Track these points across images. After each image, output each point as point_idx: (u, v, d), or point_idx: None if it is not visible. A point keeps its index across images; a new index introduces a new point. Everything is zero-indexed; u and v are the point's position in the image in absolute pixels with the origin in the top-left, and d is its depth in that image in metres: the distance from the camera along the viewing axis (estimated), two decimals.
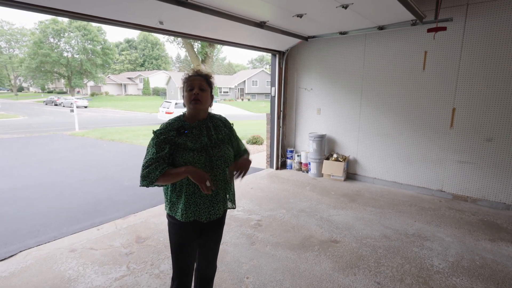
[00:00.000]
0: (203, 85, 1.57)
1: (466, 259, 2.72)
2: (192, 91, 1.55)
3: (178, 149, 1.51)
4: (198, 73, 1.62)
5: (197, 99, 1.54)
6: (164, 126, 1.55)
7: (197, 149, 1.53)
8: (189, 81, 1.58)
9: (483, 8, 3.69)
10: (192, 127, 1.57)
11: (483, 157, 3.93)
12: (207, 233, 1.70)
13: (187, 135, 1.54)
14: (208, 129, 1.61)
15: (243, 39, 4.47)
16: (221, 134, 1.65)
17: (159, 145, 1.49)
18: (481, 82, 3.83)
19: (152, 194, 4.57)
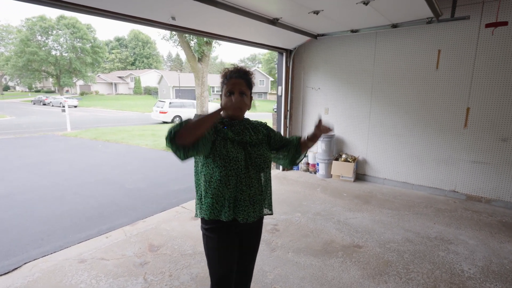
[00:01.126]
0: (243, 89, 1.44)
1: (495, 263, 2.65)
2: (231, 96, 1.42)
3: (220, 139, 1.40)
4: (239, 73, 1.48)
5: (237, 106, 1.42)
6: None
7: (237, 141, 1.44)
8: (229, 83, 1.44)
9: (500, 6, 3.63)
10: (231, 124, 1.48)
11: (498, 157, 3.89)
12: (245, 238, 1.56)
13: (226, 130, 1.44)
14: (247, 129, 1.52)
15: (253, 36, 4.33)
16: (260, 135, 1.55)
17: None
18: (496, 82, 3.78)
19: (159, 198, 4.39)
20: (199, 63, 12.42)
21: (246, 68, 1.51)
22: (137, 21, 2.97)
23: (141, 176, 5.55)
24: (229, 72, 1.48)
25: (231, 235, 1.47)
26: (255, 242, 1.62)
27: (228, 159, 1.39)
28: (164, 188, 4.86)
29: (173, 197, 4.41)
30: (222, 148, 1.39)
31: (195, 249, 2.85)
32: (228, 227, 1.45)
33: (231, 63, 14.77)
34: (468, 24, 3.81)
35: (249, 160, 1.44)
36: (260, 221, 1.60)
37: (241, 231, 1.51)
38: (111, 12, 2.81)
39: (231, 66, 1.54)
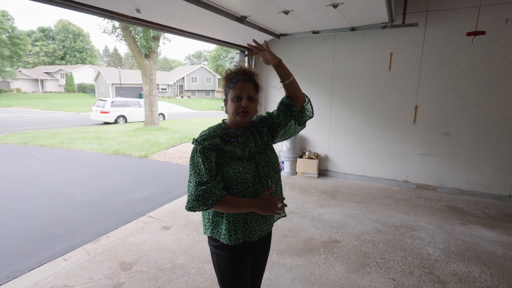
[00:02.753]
0: (252, 94, 1.33)
1: (452, 244, 2.99)
2: (239, 102, 1.31)
3: (226, 158, 1.29)
4: (246, 75, 1.35)
5: (246, 112, 1.31)
6: (207, 132, 1.33)
7: (246, 157, 1.33)
8: (237, 88, 1.32)
9: (440, 15, 4.09)
10: (237, 134, 1.36)
11: (442, 149, 4.41)
12: (259, 252, 1.49)
13: (233, 143, 1.33)
14: (253, 135, 1.41)
15: (219, 34, 4.17)
16: (264, 136, 1.44)
17: (204, 153, 1.26)
18: (439, 82, 4.26)
19: (119, 209, 3.99)
20: (147, 60, 11.64)
21: (252, 69, 1.41)
22: (98, 13, 2.60)
23: (93, 186, 4.98)
24: (235, 74, 1.36)
25: (245, 250, 1.38)
26: (266, 254, 1.55)
27: (235, 181, 1.29)
28: (123, 197, 4.44)
29: (135, 206, 4.05)
30: (229, 169, 1.28)
31: (174, 261, 2.65)
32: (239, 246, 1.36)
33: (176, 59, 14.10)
34: (416, 30, 4.22)
35: (256, 172, 1.34)
36: (270, 231, 1.53)
37: (253, 244, 1.43)
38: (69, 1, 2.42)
39: (234, 66, 1.40)
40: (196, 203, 1.24)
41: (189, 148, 8.18)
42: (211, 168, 1.25)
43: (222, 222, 1.33)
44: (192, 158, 1.29)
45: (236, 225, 1.31)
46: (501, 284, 2.37)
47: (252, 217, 1.33)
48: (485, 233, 3.22)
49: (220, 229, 1.33)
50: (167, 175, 5.63)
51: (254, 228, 1.33)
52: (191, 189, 1.25)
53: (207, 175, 1.24)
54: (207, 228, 1.39)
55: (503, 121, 4.00)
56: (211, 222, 1.36)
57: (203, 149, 1.26)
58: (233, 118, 1.35)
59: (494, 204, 4.04)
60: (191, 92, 43.56)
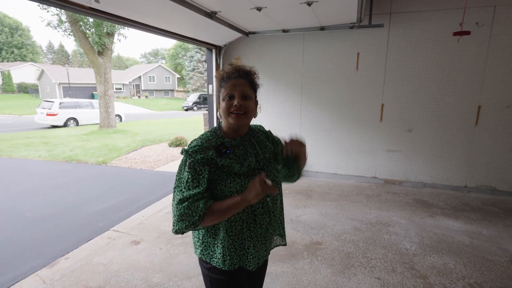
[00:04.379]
0: (246, 91, 1.16)
1: (425, 237, 3.11)
2: (231, 101, 1.14)
3: (221, 174, 1.12)
4: (239, 72, 1.19)
5: (240, 112, 1.14)
6: (199, 142, 1.13)
7: (244, 173, 1.16)
8: (228, 85, 1.16)
9: (402, 17, 4.28)
10: (234, 145, 1.19)
11: (406, 145, 4.62)
12: (256, 275, 1.35)
13: (229, 155, 1.16)
14: (253, 146, 1.24)
15: (185, 30, 3.91)
16: (267, 151, 1.28)
17: (195, 169, 1.09)
18: (402, 81, 4.46)
19: (78, 224, 3.55)
20: (100, 57, 10.75)
21: (248, 67, 1.24)
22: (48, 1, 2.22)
23: (44, 199, 4.40)
24: (226, 73, 1.21)
25: (241, 274, 1.23)
26: (263, 278, 1.41)
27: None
28: (82, 210, 3.97)
29: (97, 220, 3.63)
30: (224, 187, 1.12)
31: (148, 281, 2.38)
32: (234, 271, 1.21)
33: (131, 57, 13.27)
34: (381, 31, 4.36)
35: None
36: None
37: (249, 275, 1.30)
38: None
39: (228, 65, 1.24)
40: (181, 224, 1.07)
41: (153, 151, 7.70)
42: (201, 184, 1.09)
43: (215, 244, 1.18)
44: (179, 173, 1.12)
45: (231, 250, 1.16)
46: (475, 273, 2.50)
47: (250, 243, 1.17)
48: (451, 224, 3.41)
49: (212, 251, 1.18)
50: (131, 182, 5.20)
51: (251, 255, 1.18)
52: (173, 208, 1.09)
53: (193, 191, 1.07)
54: (196, 247, 1.24)
55: (458, 119, 4.30)
56: (201, 242, 1.20)
57: (194, 163, 1.09)
58: (226, 121, 1.18)
59: (454, 195, 4.33)
60: (148, 92, 41.64)
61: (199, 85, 38.53)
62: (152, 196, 4.33)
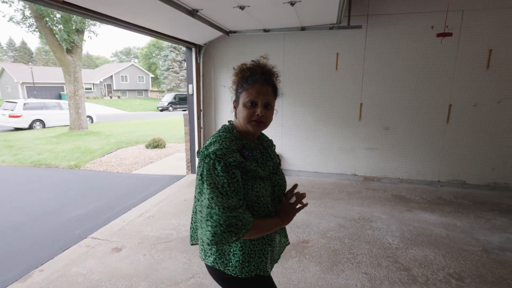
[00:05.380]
0: (270, 101, 1.11)
1: (406, 231, 3.23)
2: (254, 109, 1.09)
3: (247, 178, 1.07)
4: (265, 76, 1.13)
5: (261, 122, 1.10)
6: (224, 144, 1.04)
7: (265, 177, 1.14)
8: (252, 90, 1.09)
9: (378, 19, 4.42)
10: (252, 147, 1.16)
11: (383, 143, 4.79)
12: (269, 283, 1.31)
13: (251, 158, 1.12)
14: (266, 150, 1.23)
15: (165, 27, 3.79)
16: (275, 156, 1.29)
17: (228, 172, 1.01)
18: (379, 81, 4.61)
19: (52, 232, 3.33)
20: (69, 55, 10.19)
21: (272, 68, 1.18)
22: None
23: (11, 207, 4.08)
24: (251, 72, 1.13)
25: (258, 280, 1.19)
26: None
27: (258, 205, 1.10)
28: (55, 218, 3.73)
29: (73, 227, 3.43)
30: (251, 192, 1.07)
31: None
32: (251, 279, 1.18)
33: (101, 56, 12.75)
34: (359, 32, 4.48)
35: (273, 194, 1.20)
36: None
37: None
38: None
39: (252, 61, 1.17)
40: (227, 235, 0.96)
41: (129, 154, 7.41)
42: (238, 189, 1.02)
43: (230, 252, 1.12)
44: (210, 177, 1.00)
45: (251, 256, 1.13)
46: (453, 263, 2.63)
47: (269, 247, 1.17)
48: (428, 217, 3.57)
49: (227, 260, 1.13)
50: (108, 186, 4.96)
51: (269, 260, 1.18)
52: (217, 217, 0.96)
53: (236, 198, 1.00)
54: (208, 255, 1.15)
55: (431, 117, 4.52)
56: (216, 250, 1.13)
57: (227, 167, 1.01)
58: (243, 127, 1.13)
59: (428, 189, 4.55)
60: (121, 92, 40.15)
61: (174, 85, 37.72)
62: (132, 200, 4.16)
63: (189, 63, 5.00)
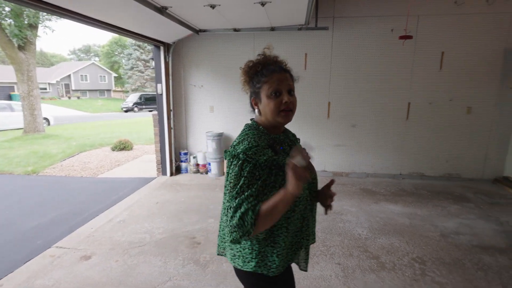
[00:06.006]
0: (292, 86, 1.10)
1: (373, 222, 3.43)
2: (279, 98, 1.06)
3: (282, 174, 1.02)
4: (281, 66, 1.13)
5: (289, 110, 1.07)
6: (254, 142, 1.01)
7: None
8: (272, 80, 1.06)
9: (344, 21, 4.63)
10: (282, 141, 1.14)
11: (350, 140, 5.03)
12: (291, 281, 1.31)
13: (282, 152, 1.09)
14: (293, 143, 1.21)
15: (131, 24, 3.65)
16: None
17: (253, 173, 0.98)
18: (345, 81, 4.83)
19: (10, 244, 3.07)
20: (22, 52, 9.40)
21: (279, 58, 1.18)
22: None
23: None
24: (263, 65, 1.11)
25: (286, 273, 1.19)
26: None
27: (298, 200, 1.10)
28: (13, 228, 3.44)
29: (34, 237, 3.18)
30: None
31: None
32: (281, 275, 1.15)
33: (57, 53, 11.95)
34: (326, 33, 4.66)
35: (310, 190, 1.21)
36: None
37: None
38: None
39: (259, 55, 1.15)
40: (235, 234, 0.96)
41: (94, 157, 7.03)
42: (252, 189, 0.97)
43: (274, 253, 1.08)
44: (235, 179, 0.98)
45: (288, 250, 1.12)
46: (416, 249, 2.85)
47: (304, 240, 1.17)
48: (392, 208, 3.82)
49: (270, 261, 1.08)
50: (71, 191, 4.67)
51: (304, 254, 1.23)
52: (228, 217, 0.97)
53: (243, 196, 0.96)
54: (247, 261, 1.09)
55: (392, 114, 4.83)
56: (257, 253, 1.07)
57: (254, 168, 0.97)
58: (271, 120, 1.09)
59: (391, 182, 4.86)
60: (81, 92, 37.78)
61: (139, 85, 36.24)
62: (100, 205, 3.96)
63: (157, 62, 4.87)
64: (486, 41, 4.43)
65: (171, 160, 5.17)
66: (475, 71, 4.53)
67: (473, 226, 3.32)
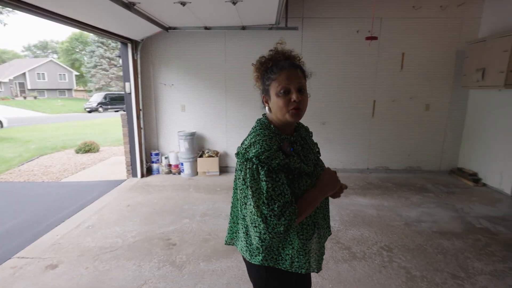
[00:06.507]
0: (302, 84, 1.06)
1: (344, 214, 3.59)
2: (288, 96, 1.03)
3: (293, 177, 1.04)
4: (291, 62, 1.08)
5: (298, 109, 1.04)
6: (266, 146, 1.00)
7: (311, 172, 1.10)
8: (281, 78, 1.03)
9: (312, 22, 4.77)
10: (292, 141, 1.12)
11: (321, 137, 5.20)
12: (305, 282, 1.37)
13: (293, 153, 1.08)
14: (305, 141, 1.20)
15: (97, 20, 3.48)
16: (314, 145, 1.27)
17: (272, 177, 0.98)
18: (315, 80, 4.96)
19: None
20: None
21: (291, 50, 1.13)
22: None
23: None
24: (274, 61, 1.08)
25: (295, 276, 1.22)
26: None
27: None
28: None
29: None
30: (297, 190, 1.05)
31: None
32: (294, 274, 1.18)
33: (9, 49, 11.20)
34: (296, 33, 4.77)
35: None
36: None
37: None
38: None
39: (270, 50, 1.12)
40: (276, 240, 1.00)
41: (56, 160, 6.60)
42: (285, 191, 0.99)
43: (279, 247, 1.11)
44: (255, 183, 0.99)
45: (300, 253, 1.10)
46: (383, 238, 3.03)
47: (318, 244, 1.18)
48: (361, 201, 4.02)
49: (276, 254, 1.11)
50: (33, 198, 4.35)
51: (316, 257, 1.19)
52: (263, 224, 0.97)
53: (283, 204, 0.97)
54: (255, 254, 1.11)
55: (360, 112, 5.07)
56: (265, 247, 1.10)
57: (270, 172, 0.98)
58: (281, 118, 1.07)
59: (360, 176, 5.10)
60: (38, 91, 35.17)
61: (104, 84, 34.48)
62: (65, 211, 3.74)
63: (125, 60, 4.68)
64: (441, 44, 4.80)
65: (141, 161, 5.01)
66: (432, 71, 4.89)
67: (433, 214, 3.59)
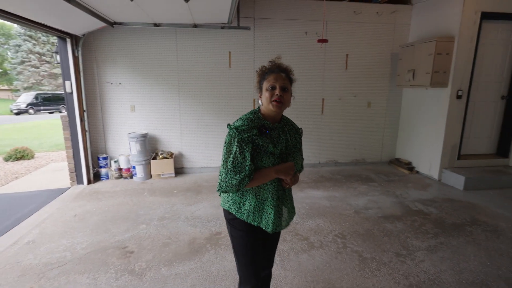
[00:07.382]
0: (286, 84, 1.47)
1: (300, 207, 3.77)
2: (273, 91, 1.43)
3: (259, 151, 1.42)
4: (279, 67, 1.50)
5: (279, 101, 1.43)
6: (246, 122, 1.43)
7: (277, 153, 1.47)
8: (271, 78, 1.45)
9: (263, 22, 4.89)
10: (272, 128, 1.49)
11: None
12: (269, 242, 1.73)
13: (268, 136, 1.45)
14: (285, 133, 1.55)
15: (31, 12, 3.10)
16: (294, 140, 1.60)
17: (241, 145, 1.38)
18: None
19: None
20: None
21: (285, 65, 1.53)
22: None
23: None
24: (268, 69, 1.50)
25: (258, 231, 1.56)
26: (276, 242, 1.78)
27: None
28: None
29: None
30: (259, 162, 1.42)
31: None
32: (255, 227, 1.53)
33: None
34: (248, 33, 4.83)
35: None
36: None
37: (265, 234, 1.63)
38: None
39: (269, 62, 1.53)
40: (229, 189, 1.40)
41: None
42: (246, 157, 1.37)
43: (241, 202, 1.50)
44: (229, 144, 1.40)
45: (255, 210, 1.48)
46: (337, 226, 3.26)
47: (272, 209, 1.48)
48: (315, 193, 4.26)
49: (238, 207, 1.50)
50: None
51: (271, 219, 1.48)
52: (224, 175, 1.39)
53: (241, 165, 1.37)
54: (225, 201, 1.55)
55: (311, 109, 5.35)
56: (231, 198, 1.53)
57: (241, 140, 1.38)
58: (267, 107, 1.46)
59: (312, 171, 5.40)
60: None
61: (33, 82, 30.69)
62: (8, 221, 3.30)
63: (64, 57, 4.26)
64: (378, 47, 5.29)
65: (87, 166, 4.62)
66: (372, 71, 5.37)
67: (377, 201, 3.97)
